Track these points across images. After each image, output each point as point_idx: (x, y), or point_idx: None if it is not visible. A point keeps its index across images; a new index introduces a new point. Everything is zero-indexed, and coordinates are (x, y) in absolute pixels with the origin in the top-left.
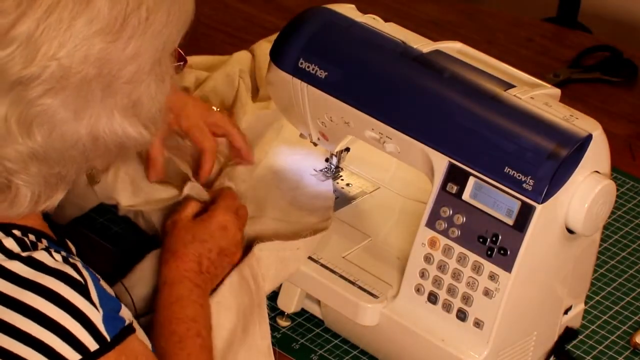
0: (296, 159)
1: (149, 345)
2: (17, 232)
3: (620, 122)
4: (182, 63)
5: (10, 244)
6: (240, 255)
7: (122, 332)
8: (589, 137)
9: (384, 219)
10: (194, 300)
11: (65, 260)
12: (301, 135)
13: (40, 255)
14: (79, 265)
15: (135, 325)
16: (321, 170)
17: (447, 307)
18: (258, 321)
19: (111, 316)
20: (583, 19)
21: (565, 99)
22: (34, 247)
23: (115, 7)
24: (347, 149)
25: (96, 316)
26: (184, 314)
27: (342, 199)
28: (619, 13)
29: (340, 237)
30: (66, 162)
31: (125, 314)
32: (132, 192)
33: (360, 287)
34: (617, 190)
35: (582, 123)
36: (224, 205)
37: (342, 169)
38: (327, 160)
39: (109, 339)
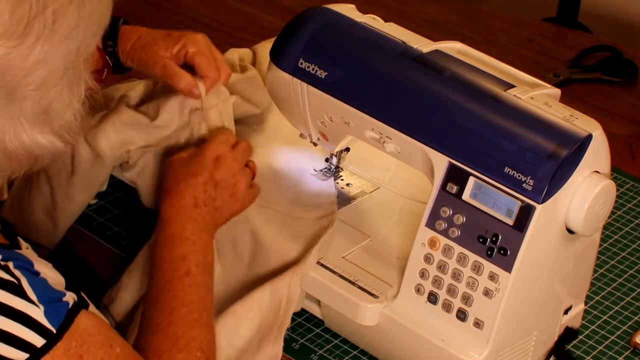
0: (296, 159)
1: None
2: None
3: (620, 122)
4: (105, 70)
5: None
6: (243, 186)
7: (68, 316)
8: (589, 137)
9: (384, 219)
10: (186, 238)
11: None
12: (301, 135)
13: None
14: (11, 266)
15: (93, 308)
16: (321, 170)
17: (447, 307)
18: (273, 340)
19: (53, 307)
20: (583, 19)
21: (565, 99)
22: None
23: (17, 11)
24: (347, 149)
25: (36, 312)
26: (173, 254)
27: (342, 199)
28: (619, 13)
29: (340, 237)
30: None
31: (70, 297)
32: (137, 132)
33: (360, 287)
34: (617, 190)
35: (582, 123)
36: (216, 140)
37: (342, 169)
38: (327, 160)
39: (54, 331)
